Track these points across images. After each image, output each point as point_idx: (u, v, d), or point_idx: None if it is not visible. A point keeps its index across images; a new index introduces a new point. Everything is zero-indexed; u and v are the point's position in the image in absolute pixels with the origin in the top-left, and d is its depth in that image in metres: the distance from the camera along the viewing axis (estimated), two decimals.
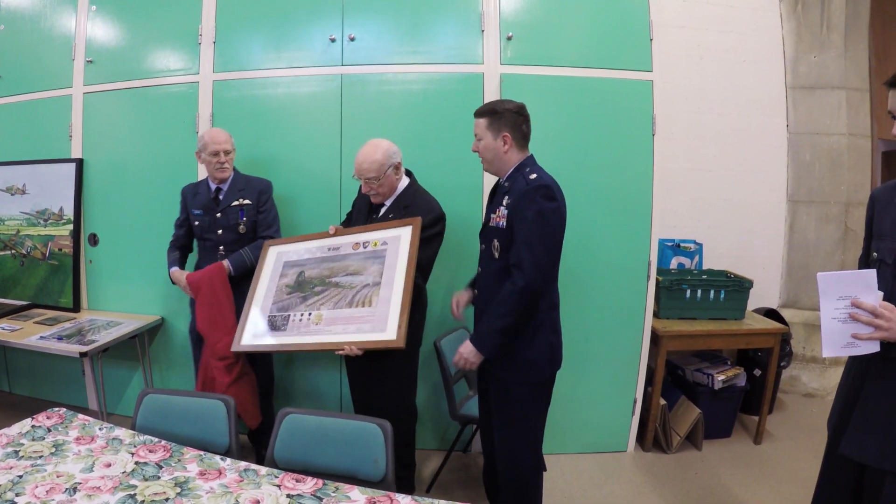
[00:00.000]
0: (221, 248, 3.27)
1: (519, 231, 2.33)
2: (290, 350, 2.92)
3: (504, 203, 2.42)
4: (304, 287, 2.93)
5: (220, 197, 3.29)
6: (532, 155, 2.51)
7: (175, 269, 3.31)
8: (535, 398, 2.50)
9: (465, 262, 3.37)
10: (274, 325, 2.87)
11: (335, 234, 3.01)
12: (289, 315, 2.86)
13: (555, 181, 2.39)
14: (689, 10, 4.49)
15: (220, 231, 3.27)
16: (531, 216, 2.30)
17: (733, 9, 4.55)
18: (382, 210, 2.98)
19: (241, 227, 3.28)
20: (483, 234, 2.62)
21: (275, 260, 3.11)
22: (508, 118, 2.43)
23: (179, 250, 3.41)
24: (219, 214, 3.27)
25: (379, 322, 2.65)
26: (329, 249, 2.99)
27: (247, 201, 3.31)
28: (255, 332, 2.90)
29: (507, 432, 2.53)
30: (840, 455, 1.92)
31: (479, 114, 2.50)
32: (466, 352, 2.46)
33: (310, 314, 2.82)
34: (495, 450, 2.61)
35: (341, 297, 2.81)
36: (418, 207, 2.90)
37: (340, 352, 2.63)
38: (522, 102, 2.49)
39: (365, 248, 2.90)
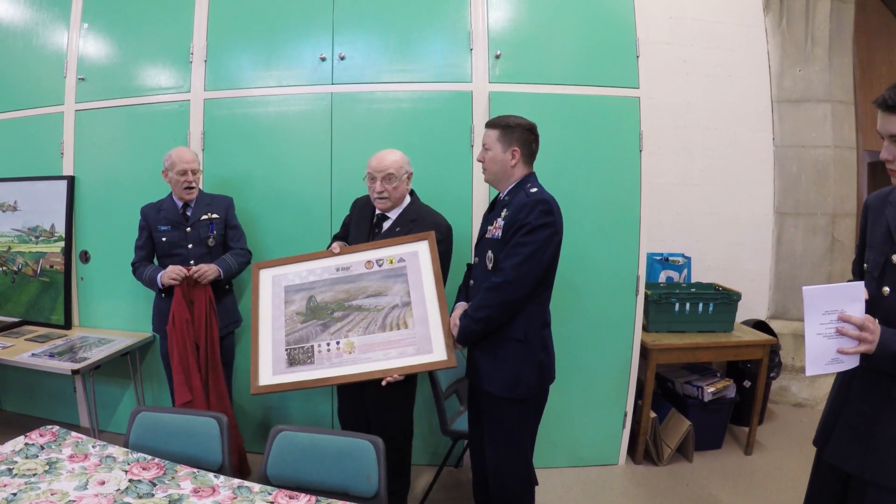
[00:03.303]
0: (192, 262, 3.27)
1: (510, 238, 2.38)
2: (326, 385, 2.71)
3: (502, 215, 2.46)
4: (320, 313, 2.75)
5: (189, 213, 3.32)
6: (534, 172, 2.56)
7: (161, 271, 3.20)
8: (525, 415, 2.52)
9: (456, 276, 3.39)
10: (295, 359, 2.66)
11: (340, 254, 2.86)
12: (312, 346, 2.68)
13: (554, 199, 2.43)
14: (675, 27, 4.56)
15: (190, 245, 3.29)
16: (526, 227, 2.34)
17: (719, 24, 4.62)
18: (387, 224, 2.95)
19: (211, 240, 3.32)
20: (478, 247, 2.65)
21: (271, 285, 2.89)
22: (520, 134, 2.48)
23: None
24: (189, 229, 3.29)
25: (423, 343, 2.59)
26: (338, 270, 2.83)
27: (215, 215, 3.34)
28: (275, 369, 2.67)
29: (497, 448, 2.54)
30: (826, 462, 1.95)
31: (492, 125, 2.54)
32: (452, 325, 2.57)
33: (338, 343, 2.65)
34: (486, 466, 2.62)
35: (370, 321, 2.67)
36: (426, 221, 2.91)
37: (387, 381, 2.55)
38: (534, 122, 2.54)
39: (380, 266, 2.78)
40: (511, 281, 2.34)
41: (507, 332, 2.45)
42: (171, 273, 3.14)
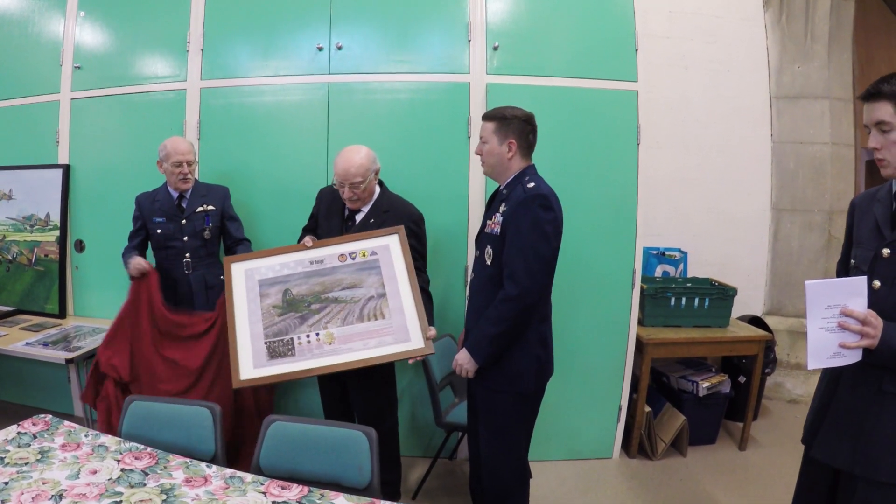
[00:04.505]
0: (187, 255, 3.25)
1: (513, 239, 2.34)
2: (308, 376, 2.70)
3: (500, 210, 2.43)
4: (297, 306, 2.77)
5: (184, 204, 3.28)
6: (533, 165, 2.53)
7: (133, 256, 3.15)
8: (522, 409, 2.52)
9: (453, 269, 3.40)
10: (276, 352, 2.67)
11: (313, 247, 2.88)
12: (291, 339, 2.70)
13: (553, 192, 2.40)
14: (674, 21, 4.54)
15: (185, 238, 3.25)
16: (526, 225, 2.31)
17: (718, 19, 4.60)
18: (360, 216, 2.94)
19: (207, 232, 3.28)
20: (478, 241, 2.63)
21: (245, 278, 2.87)
22: (516, 125, 2.45)
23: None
24: (184, 221, 3.25)
25: (399, 332, 2.65)
26: (312, 263, 2.85)
27: (211, 207, 3.30)
28: (255, 363, 2.68)
29: (492, 442, 2.54)
30: (815, 459, 1.94)
31: (488, 117, 2.51)
32: (462, 359, 2.49)
33: (317, 334, 2.69)
34: (481, 458, 2.62)
35: (347, 312, 2.72)
36: (398, 211, 2.92)
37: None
38: (531, 112, 2.51)
39: (353, 259, 2.82)
40: (527, 290, 2.31)
41: None
42: (137, 266, 3.10)
